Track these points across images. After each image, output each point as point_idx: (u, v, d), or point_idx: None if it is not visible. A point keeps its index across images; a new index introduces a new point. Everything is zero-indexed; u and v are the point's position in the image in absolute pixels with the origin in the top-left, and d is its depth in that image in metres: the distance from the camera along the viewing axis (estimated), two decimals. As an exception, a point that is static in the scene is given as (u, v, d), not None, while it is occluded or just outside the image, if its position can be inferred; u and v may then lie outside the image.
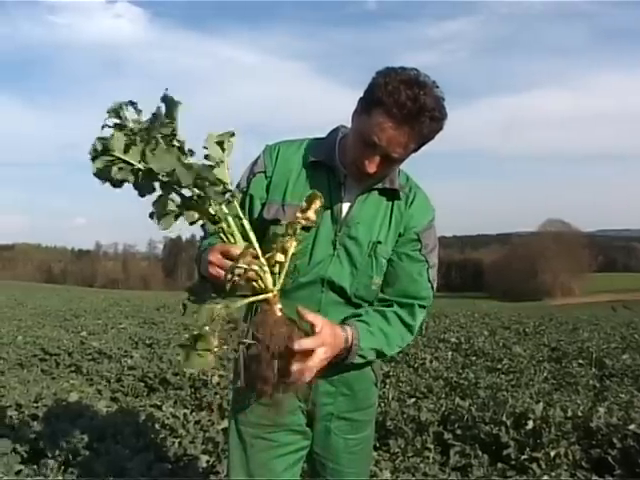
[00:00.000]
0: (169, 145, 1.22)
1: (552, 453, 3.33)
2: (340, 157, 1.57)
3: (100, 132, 1.22)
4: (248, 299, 1.34)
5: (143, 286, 70.52)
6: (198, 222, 1.32)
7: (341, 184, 1.56)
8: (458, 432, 3.82)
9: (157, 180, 1.24)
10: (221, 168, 1.31)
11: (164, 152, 1.21)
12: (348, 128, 1.57)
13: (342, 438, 1.65)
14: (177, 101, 1.23)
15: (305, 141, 1.63)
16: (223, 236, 1.34)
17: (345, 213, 1.56)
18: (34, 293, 29.63)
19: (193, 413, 4.27)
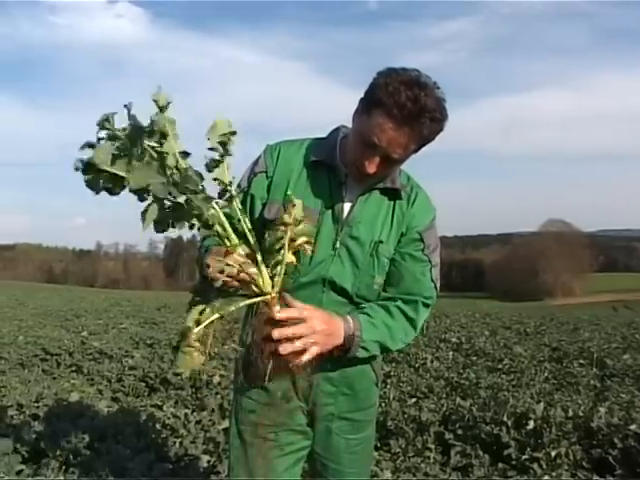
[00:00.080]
0: (147, 158, 1.17)
1: (553, 453, 3.33)
2: (341, 157, 1.56)
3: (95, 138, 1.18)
4: (245, 301, 1.32)
5: (144, 286, 70.55)
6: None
7: (342, 184, 1.56)
8: (459, 432, 3.82)
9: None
10: (221, 168, 1.28)
11: (142, 166, 1.16)
12: (349, 128, 1.57)
13: (343, 438, 1.64)
14: (164, 104, 1.18)
15: (306, 141, 1.63)
16: (219, 239, 1.32)
17: (346, 213, 1.55)
18: (35, 293, 29.64)
19: (194, 413, 4.27)
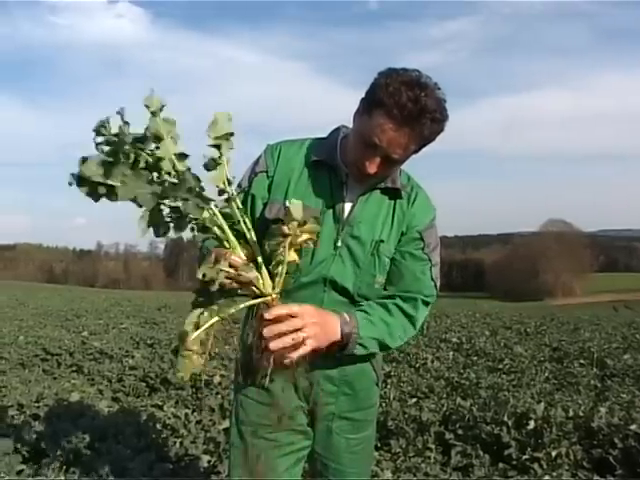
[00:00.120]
0: (139, 166, 1.15)
1: (553, 453, 3.33)
2: (342, 157, 1.56)
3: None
4: (244, 303, 1.31)
5: (144, 286, 70.57)
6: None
7: (343, 183, 1.56)
8: (459, 432, 3.82)
9: None
10: (219, 170, 1.27)
11: (132, 176, 1.14)
12: (349, 128, 1.57)
13: (343, 438, 1.64)
14: (156, 108, 1.15)
15: (306, 141, 1.63)
16: (217, 242, 1.32)
17: (347, 212, 1.55)
18: (35, 293, 29.64)
19: (194, 413, 4.27)
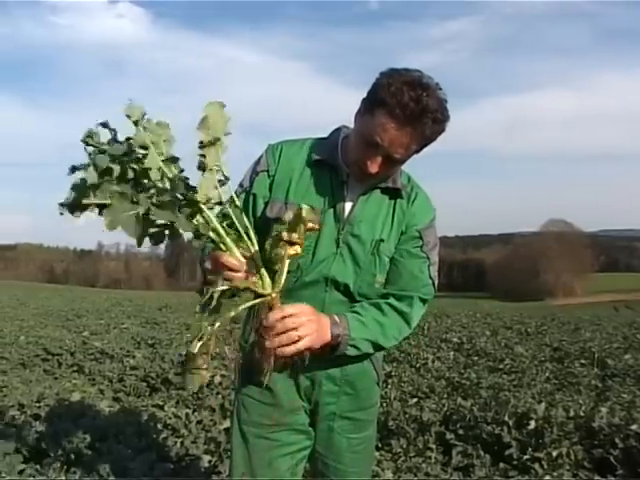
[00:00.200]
0: (120, 182, 1.13)
1: (554, 453, 3.32)
2: (343, 157, 1.57)
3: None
4: (245, 304, 1.31)
5: (145, 286, 70.53)
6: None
7: (344, 183, 1.56)
8: (460, 432, 3.81)
9: None
10: (206, 180, 1.22)
11: (115, 199, 1.12)
12: (350, 128, 1.58)
13: (345, 437, 1.65)
14: (138, 118, 1.13)
15: (307, 140, 1.64)
16: (214, 245, 1.31)
17: (348, 212, 1.56)
18: (36, 293, 29.65)
19: (195, 413, 4.27)
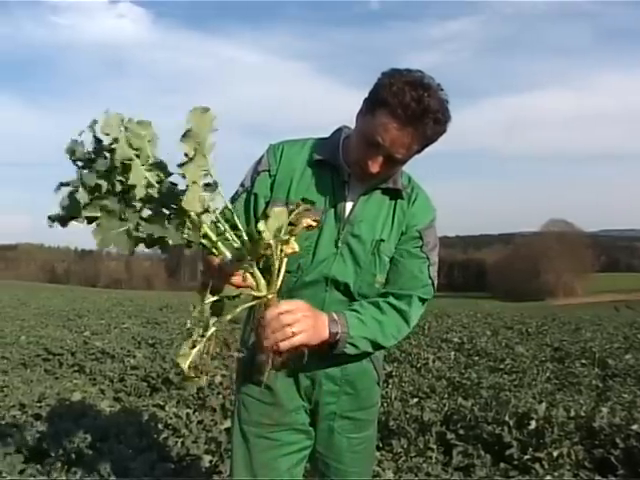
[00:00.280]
0: (108, 197, 1.11)
1: (555, 453, 3.32)
2: (344, 157, 1.57)
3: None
4: (241, 306, 1.30)
5: (146, 286, 70.50)
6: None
7: (345, 183, 1.57)
8: (461, 432, 3.81)
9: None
10: (192, 191, 1.15)
11: (103, 217, 1.11)
12: (351, 129, 1.58)
13: (345, 437, 1.65)
14: (117, 133, 1.10)
15: (309, 141, 1.64)
16: (206, 249, 1.28)
17: (348, 212, 1.56)
18: (37, 293, 29.64)
19: (196, 413, 4.27)
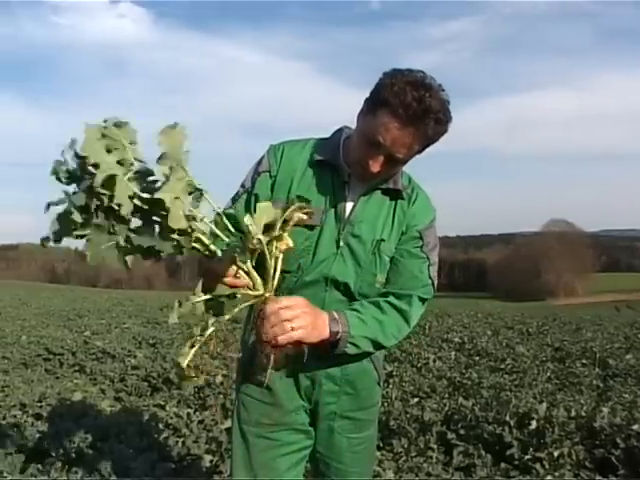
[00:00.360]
0: (97, 213, 1.10)
1: (555, 453, 3.32)
2: (344, 157, 1.57)
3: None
4: (238, 306, 1.30)
5: (146, 286, 70.48)
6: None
7: (345, 183, 1.57)
8: (461, 432, 3.81)
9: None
10: (175, 207, 1.13)
11: (92, 233, 1.10)
12: (352, 129, 1.59)
13: (345, 437, 1.65)
14: (97, 157, 1.07)
15: (309, 141, 1.64)
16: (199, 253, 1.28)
17: (349, 212, 1.56)
18: (38, 293, 29.65)
19: (196, 413, 4.28)
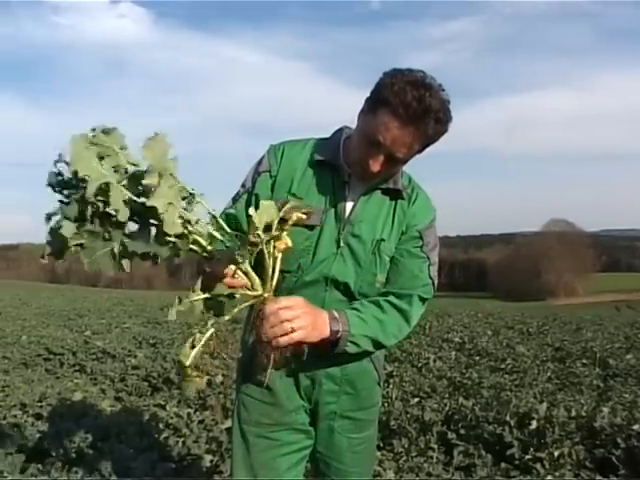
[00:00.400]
0: (92, 221, 1.12)
1: (556, 453, 3.32)
2: (344, 157, 1.57)
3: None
4: (237, 307, 1.30)
5: (147, 286, 70.48)
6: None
7: (345, 183, 1.57)
8: (462, 432, 3.81)
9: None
10: (168, 214, 1.14)
11: (88, 240, 1.12)
12: (352, 129, 1.59)
13: (345, 437, 1.65)
14: (87, 171, 1.09)
15: (309, 141, 1.64)
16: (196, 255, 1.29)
17: (349, 212, 1.56)
18: (38, 293, 29.63)
19: (197, 412, 4.27)
